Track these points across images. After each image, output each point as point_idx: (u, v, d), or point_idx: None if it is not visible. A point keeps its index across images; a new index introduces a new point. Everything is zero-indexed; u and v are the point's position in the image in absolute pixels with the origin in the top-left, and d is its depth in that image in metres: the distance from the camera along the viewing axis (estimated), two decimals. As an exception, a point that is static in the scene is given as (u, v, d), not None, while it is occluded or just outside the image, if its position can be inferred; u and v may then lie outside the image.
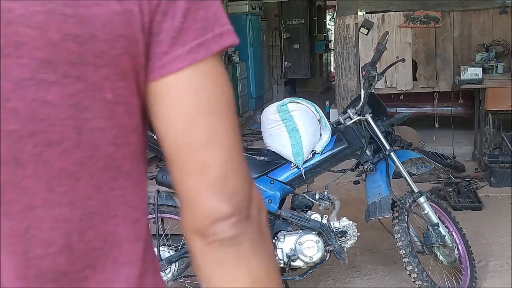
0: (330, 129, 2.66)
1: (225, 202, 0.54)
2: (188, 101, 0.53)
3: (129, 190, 0.57)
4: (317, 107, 2.70)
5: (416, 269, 2.58)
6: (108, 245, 0.55)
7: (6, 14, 0.45)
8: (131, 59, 0.51)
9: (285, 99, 2.66)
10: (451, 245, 2.74)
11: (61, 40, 0.47)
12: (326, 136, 2.64)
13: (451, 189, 4.37)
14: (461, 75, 4.97)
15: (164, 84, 0.53)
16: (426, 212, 2.72)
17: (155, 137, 1.83)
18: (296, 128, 2.57)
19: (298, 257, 2.56)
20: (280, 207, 2.60)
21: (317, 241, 2.56)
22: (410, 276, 2.62)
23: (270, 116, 2.64)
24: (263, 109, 2.78)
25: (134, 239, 0.57)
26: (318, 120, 2.67)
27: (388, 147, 2.68)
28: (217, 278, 0.57)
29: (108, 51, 0.49)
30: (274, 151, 2.65)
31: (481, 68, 4.93)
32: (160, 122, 0.56)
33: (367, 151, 2.69)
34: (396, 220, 2.65)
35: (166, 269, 2.56)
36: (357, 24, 5.57)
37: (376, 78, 2.67)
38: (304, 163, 2.60)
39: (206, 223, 0.54)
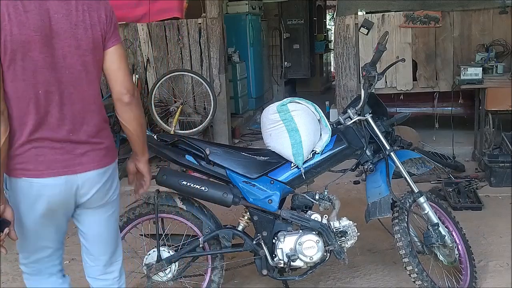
0: (330, 129, 2.66)
1: (125, 89, 1.86)
2: (115, 57, 1.85)
3: (98, 85, 1.88)
4: (317, 107, 2.70)
5: (416, 269, 2.58)
6: (98, 100, 1.89)
7: (78, 42, 1.75)
8: (102, 47, 1.82)
9: (285, 99, 2.66)
10: (451, 245, 2.74)
11: (89, 45, 1.77)
12: (326, 136, 2.64)
13: (451, 189, 4.37)
14: (461, 75, 4.97)
15: (107, 51, 1.84)
16: (426, 212, 2.72)
17: (155, 137, 1.95)
18: (296, 128, 2.57)
19: (298, 257, 2.56)
20: (280, 207, 2.61)
21: (317, 241, 2.56)
22: (410, 276, 2.62)
23: (270, 116, 2.64)
24: (263, 109, 2.78)
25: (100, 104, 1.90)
26: (318, 120, 2.67)
27: (388, 147, 2.68)
28: (125, 116, 1.90)
29: (98, 46, 1.80)
30: (274, 151, 2.65)
31: (481, 68, 4.93)
32: (106, 65, 1.85)
33: (367, 151, 2.69)
34: (396, 220, 2.65)
35: (166, 269, 2.56)
36: (357, 24, 5.57)
37: (376, 78, 2.67)
38: (304, 163, 2.60)
39: (120, 97, 1.86)
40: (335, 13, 6.13)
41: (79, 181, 1.79)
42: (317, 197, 2.66)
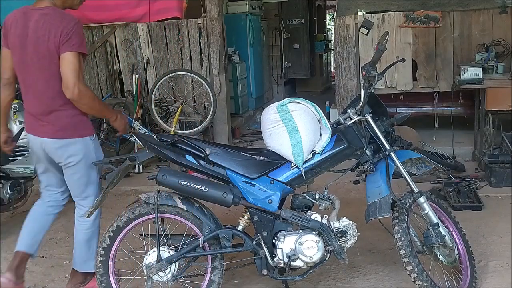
0: (330, 129, 2.66)
1: (65, 88, 2.60)
2: (62, 62, 2.60)
3: (60, 83, 2.64)
4: (317, 107, 2.70)
5: (416, 269, 2.58)
6: (54, 92, 2.70)
7: (39, 49, 2.66)
8: (57, 54, 2.61)
9: (285, 99, 2.66)
10: (451, 245, 2.74)
11: (46, 52, 2.62)
12: (326, 136, 2.64)
13: (451, 189, 4.37)
14: (461, 75, 4.97)
15: (60, 57, 2.60)
16: (426, 212, 2.72)
17: (155, 137, 1.94)
18: (296, 128, 2.57)
19: (298, 257, 2.56)
20: (280, 207, 2.61)
21: (317, 241, 2.56)
22: (410, 276, 2.62)
23: (270, 116, 2.64)
24: (263, 109, 2.78)
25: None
26: (318, 120, 2.67)
27: (388, 147, 2.68)
28: (75, 103, 2.68)
29: (53, 53, 2.61)
30: (274, 151, 2.65)
31: (481, 68, 4.93)
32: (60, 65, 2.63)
33: (367, 151, 2.69)
34: (396, 220, 2.65)
35: (166, 269, 2.56)
36: (357, 24, 5.57)
37: (376, 78, 2.67)
38: (304, 163, 2.60)
39: (64, 92, 2.62)
40: (335, 13, 6.13)
41: (42, 142, 2.76)
42: (317, 197, 2.66)
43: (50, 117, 2.72)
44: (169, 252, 2.60)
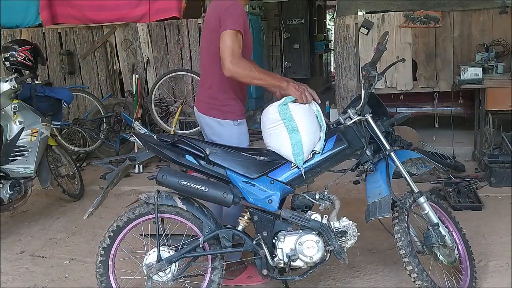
0: (325, 125, 2.66)
1: (223, 62, 2.60)
2: (221, 38, 2.63)
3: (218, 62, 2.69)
4: (317, 106, 2.71)
5: (416, 269, 2.58)
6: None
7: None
8: (218, 32, 2.69)
9: (285, 99, 2.65)
10: (451, 245, 2.74)
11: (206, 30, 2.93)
12: (322, 133, 2.65)
13: (451, 189, 4.37)
14: (461, 75, 4.97)
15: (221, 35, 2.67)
16: (426, 212, 2.72)
17: (155, 137, 1.96)
18: (296, 128, 2.57)
19: (298, 257, 2.56)
20: (280, 207, 2.61)
21: (317, 241, 2.56)
22: (410, 276, 2.62)
23: (270, 116, 2.64)
24: (263, 109, 2.78)
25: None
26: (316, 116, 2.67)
27: (388, 147, 2.68)
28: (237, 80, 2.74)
29: (216, 31, 2.71)
30: (274, 151, 2.65)
31: (481, 68, 4.93)
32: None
33: (367, 151, 2.69)
34: (396, 220, 2.65)
35: (166, 269, 2.56)
36: (357, 24, 5.58)
37: (376, 78, 2.67)
38: (304, 163, 2.60)
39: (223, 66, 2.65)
40: (335, 13, 6.13)
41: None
42: (317, 197, 2.66)
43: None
44: (169, 252, 2.60)
